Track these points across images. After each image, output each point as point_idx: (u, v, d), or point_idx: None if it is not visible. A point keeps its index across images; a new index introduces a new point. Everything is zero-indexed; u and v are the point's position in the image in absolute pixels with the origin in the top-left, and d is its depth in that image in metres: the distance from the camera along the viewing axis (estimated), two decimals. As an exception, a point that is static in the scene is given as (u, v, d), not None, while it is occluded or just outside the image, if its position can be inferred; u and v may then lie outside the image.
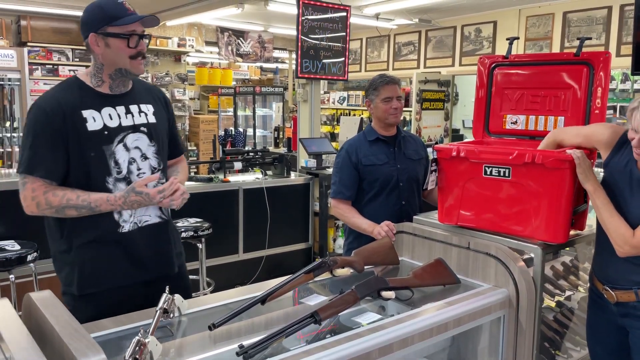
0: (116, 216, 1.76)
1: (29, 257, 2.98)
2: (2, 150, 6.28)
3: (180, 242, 2.02)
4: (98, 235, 1.75)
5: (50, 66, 7.77)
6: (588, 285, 2.03)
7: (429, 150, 2.69)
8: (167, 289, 1.55)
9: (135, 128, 1.79)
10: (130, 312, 1.62)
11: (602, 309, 1.90)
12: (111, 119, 1.75)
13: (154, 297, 1.69)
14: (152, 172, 1.84)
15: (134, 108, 1.81)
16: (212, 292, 3.88)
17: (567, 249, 2.48)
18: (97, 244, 1.75)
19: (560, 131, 1.99)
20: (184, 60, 9.30)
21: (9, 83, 6.16)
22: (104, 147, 1.73)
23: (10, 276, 2.94)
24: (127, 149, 1.77)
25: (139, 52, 1.74)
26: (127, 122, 1.78)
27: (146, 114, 1.84)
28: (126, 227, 1.78)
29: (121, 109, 1.78)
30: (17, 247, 3.06)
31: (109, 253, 1.76)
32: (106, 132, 1.73)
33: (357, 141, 2.60)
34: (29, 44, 7.61)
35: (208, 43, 9.38)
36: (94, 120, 1.72)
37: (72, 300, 1.77)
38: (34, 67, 7.51)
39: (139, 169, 1.80)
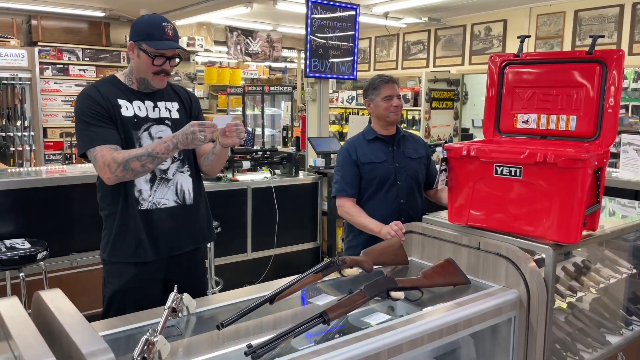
0: (137, 194, 2.00)
1: (39, 256, 3.00)
2: (13, 149, 6.33)
3: (205, 225, 2.19)
4: (124, 207, 1.99)
5: (61, 66, 7.83)
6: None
7: (439, 149, 2.68)
8: (175, 287, 1.55)
9: (159, 120, 2.06)
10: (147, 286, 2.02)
11: None
12: (140, 110, 2.03)
13: (168, 274, 2.08)
14: (172, 161, 2.07)
15: (160, 104, 2.08)
16: (220, 291, 3.89)
17: (579, 249, 2.46)
18: (122, 215, 1.99)
19: None
20: (193, 60, 9.33)
21: (20, 82, 6.21)
22: (132, 131, 2.00)
23: (21, 274, 2.95)
24: (151, 137, 2.03)
25: (161, 70, 1.99)
26: (153, 114, 2.06)
27: (170, 110, 2.11)
28: (145, 206, 2.01)
29: (149, 104, 2.06)
30: (28, 245, 3.08)
31: (131, 226, 1.99)
32: (135, 120, 2.01)
33: (356, 140, 2.65)
34: (39, 43, 7.67)
35: (217, 42, 9.40)
36: (127, 108, 2.00)
37: (105, 265, 2.08)
38: (44, 66, 7.57)
39: None
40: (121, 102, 1.99)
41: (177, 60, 2.02)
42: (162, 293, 2.05)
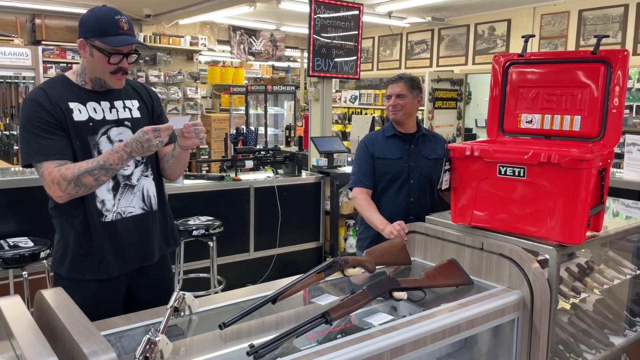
0: (99, 205, 1.83)
1: (42, 254, 3.00)
2: (16, 147, 6.34)
3: (169, 231, 2.06)
4: (83, 220, 1.82)
5: (65, 65, 7.84)
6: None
7: (442, 149, 2.68)
8: (177, 287, 1.54)
9: (119, 122, 1.88)
10: (112, 302, 1.86)
11: None
12: (96, 112, 1.83)
13: (132, 286, 1.94)
14: (136, 165, 1.91)
15: (118, 104, 1.90)
16: (222, 290, 3.89)
17: (583, 250, 2.45)
18: (82, 228, 1.82)
19: None
20: (196, 59, 9.33)
21: (24, 81, 6.21)
22: (88, 137, 1.80)
23: (24, 273, 2.96)
24: (110, 141, 1.85)
25: (119, 68, 1.81)
26: (111, 116, 1.86)
27: (130, 109, 1.92)
28: (109, 217, 1.85)
29: (105, 104, 1.86)
30: (31, 243, 3.08)
31: (93, 240, 1.83)
32: (91, 124, 1.81)
33: (375, 135, 2.69)
34: (43, 42, 7.69)
35: (220, 42, 9.41)
36: (80, 112, 1.80)
37: (60, 279, 1.88)
38: (48, 65, 7.58)
39: None
40: (73, 105, 1.79)
41: (135, 56, 1.83)
42: (124, 307, 1.94)
